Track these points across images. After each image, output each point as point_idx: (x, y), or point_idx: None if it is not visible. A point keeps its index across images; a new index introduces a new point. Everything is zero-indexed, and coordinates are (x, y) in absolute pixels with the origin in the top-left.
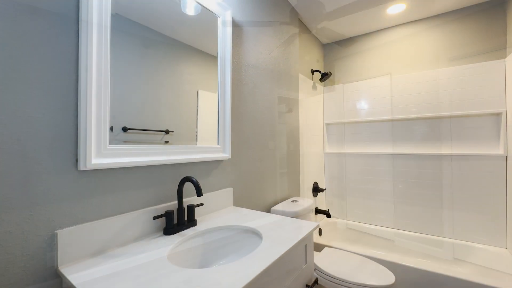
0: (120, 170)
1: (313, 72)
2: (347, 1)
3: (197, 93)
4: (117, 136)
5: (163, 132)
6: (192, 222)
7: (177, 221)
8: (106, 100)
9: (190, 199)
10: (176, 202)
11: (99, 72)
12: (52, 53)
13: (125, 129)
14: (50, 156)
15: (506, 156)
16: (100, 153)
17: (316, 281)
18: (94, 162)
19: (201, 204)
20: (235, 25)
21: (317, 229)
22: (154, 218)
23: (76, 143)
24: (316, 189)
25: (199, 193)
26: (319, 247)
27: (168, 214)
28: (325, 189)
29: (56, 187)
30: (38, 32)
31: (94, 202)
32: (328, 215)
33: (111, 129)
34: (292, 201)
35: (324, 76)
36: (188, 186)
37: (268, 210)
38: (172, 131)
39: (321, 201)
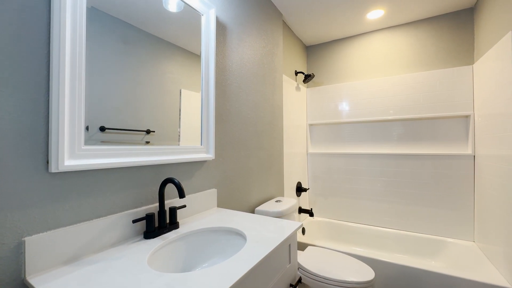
0: (96, 172)
1: (296, 73)
2: (330, 4)
3: (180, 92)
4: (93, 136)
5: (144, 132)
6: (174, 225)
7: (159, 224)
8: (81, 97)
9: (172, 201)
10: (158, 204)
11: (73, 69)
12: (20, 46)
13: (102, 129)
14: (17, 157)
15: (474, 156)
16: (74, 154)
17: (299, 280)
18: (67, 164)
19: (184, 206)
20: (219, 24)
21: (301, 229)
22: (134, 221)
23: (47, 143)
24: (300, 189)
25: (181, 194)
26: (302, 246)
27: (148, 217)
28: (308, 188)
29: (24, 191)
30: (3, 24)
31: (67, 206)
32: (311, 214)
33: (87, 128)
34: (276, 201)
35: (307, 78)
36: (170, 187)
37: (252, 211)
38: (154, 131)
39: (305, 200)
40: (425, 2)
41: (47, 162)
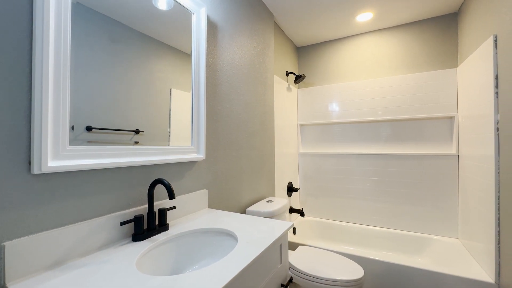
0: (82, 173)
1: (287, 74)
2: (320, 6)
3: (170, 91)
4: (79, 136)
5: (133, 132)
6: (164, 227)
7: (147, 226)
8: (66, 96)
9: (161, 202)
10: (147, 206)
11: (57, 66)
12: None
13: (89, 129)
14: None
15: (458, 156)
16: (58, 154)
17: (291, 280)
18: (50, 165)
19: (174, 207)
20: (210, 24)
21: (292, 228)
22: (122, 223)
23: (29, 143)
24: (291, 189)
25: (171, 195)
26: (293, 246)
27: (137, 219)
28: (299, 188)
29: (4, 193)
30: None
31: (51, 209)
32: (302, 214)
33: (72, 128)
34: (267, 201)
35: (298, 78)
36: (160, 189)
37: (243, 211)
38: (143, 131)
39: (296, 200)
40: (411, 6)
41: (29, 163)
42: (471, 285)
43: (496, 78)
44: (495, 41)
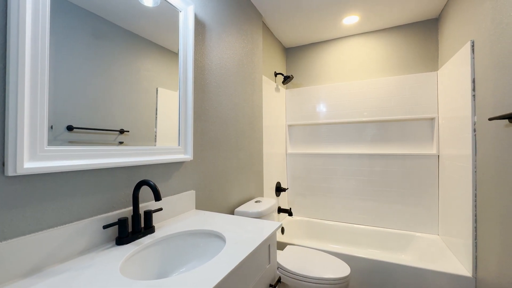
0: (62, 175)
1: (276, 74)
2: (308, 8)
3: (157, 90)
4: (59, 136)
5: (117, 132)
6: (149, 229)
7: (132, 229)
8: (44, 94)
9: (147, 204)
10: (131, 208)
11: (34, 62)
12: None
13: (70, 128)
14: None
15: (438, 155)
16: (35, 155)
17: (279, 280)
18: (27, 166)
19: (160, 209)
20: (198, 22)
21: (280, 228)
22: (105, 227)
23: (3, 144)
24: (279, 189)
25: (157, 197)
26: (281, 246)
27: (121, 222)
28: (287, 188)
29: None
30: None
31: (28, 213)
32: (290, 214)
33: (51, 127)
34: (256, 202)
35: (287, 79)
36: (146, 190)
37: (232, 212)
38: (128, 131)
39: (284, 200)
40: (395, 11)
41: (3, 164)
42: (451, 279)
43: (473, 81)
44: (472, 46)
